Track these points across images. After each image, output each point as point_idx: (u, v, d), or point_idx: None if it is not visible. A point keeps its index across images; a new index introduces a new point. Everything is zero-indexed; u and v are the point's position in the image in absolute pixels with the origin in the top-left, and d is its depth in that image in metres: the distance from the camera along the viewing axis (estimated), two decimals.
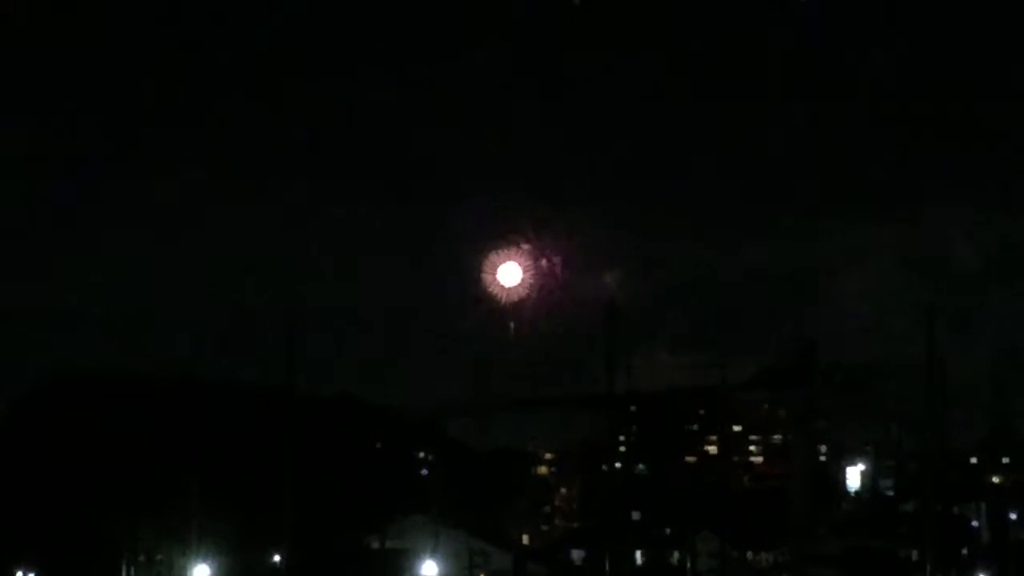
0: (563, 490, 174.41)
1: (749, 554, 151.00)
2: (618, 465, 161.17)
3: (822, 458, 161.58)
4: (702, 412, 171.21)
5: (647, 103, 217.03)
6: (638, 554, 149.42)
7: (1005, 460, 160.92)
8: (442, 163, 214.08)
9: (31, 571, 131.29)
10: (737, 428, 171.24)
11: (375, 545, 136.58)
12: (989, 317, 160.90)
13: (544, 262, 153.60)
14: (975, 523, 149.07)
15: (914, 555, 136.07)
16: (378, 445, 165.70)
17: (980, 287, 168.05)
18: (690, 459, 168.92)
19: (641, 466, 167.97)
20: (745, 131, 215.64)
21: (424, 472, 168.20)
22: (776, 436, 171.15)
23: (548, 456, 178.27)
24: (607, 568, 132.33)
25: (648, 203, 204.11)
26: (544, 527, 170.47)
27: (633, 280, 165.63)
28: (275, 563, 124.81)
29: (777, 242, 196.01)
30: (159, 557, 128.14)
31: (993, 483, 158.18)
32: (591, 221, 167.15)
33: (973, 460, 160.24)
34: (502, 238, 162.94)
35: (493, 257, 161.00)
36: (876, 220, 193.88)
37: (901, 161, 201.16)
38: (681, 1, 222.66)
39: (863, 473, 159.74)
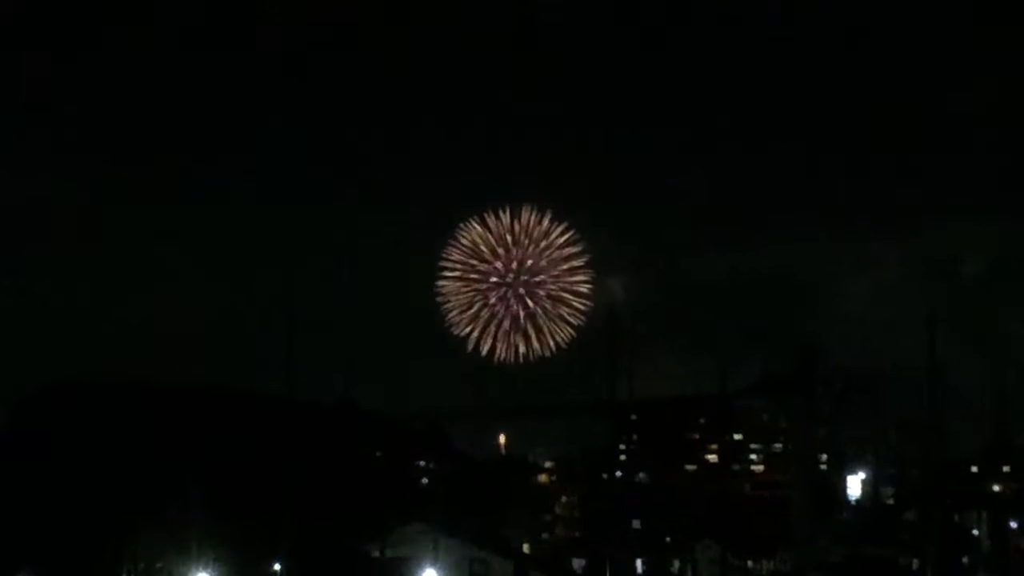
0: (564, 498, 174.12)
1: (749, 562, 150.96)
2: (619, 473, 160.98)
3: (822, 466, 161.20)
4: (702, 420, 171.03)
5: (650, 104, 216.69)
6: (639, 562, 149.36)
7: (1006, 469, 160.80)
8: (442, 165, 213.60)
9: None
10: (737, 436, 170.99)
11: (375, 553, 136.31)
12: (990, 326, 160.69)
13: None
14: (975, 532, 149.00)
15: (915, 563, 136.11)
16: (378, 453, 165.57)
17: (982, 296, 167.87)
18: (690, 467, 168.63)
19: (642, 474, 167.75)
20: (748, 135, 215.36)
21: (424, 480, 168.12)
22: (776, 444, 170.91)
23: (548, 464, 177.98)
24: None
25: (650, 208, 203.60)
26: (545, 535, 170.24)
27: (634, 287, 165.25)
28: (275, 571, 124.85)
29: (779, 249, 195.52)
30: (159, 564, 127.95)
31: (993, 492, 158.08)
32: (591, 226, 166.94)
33: (974, 469, 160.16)
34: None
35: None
36: (879, 228, 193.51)
37: (906, 167, 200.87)
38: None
39: (864, 481, 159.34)
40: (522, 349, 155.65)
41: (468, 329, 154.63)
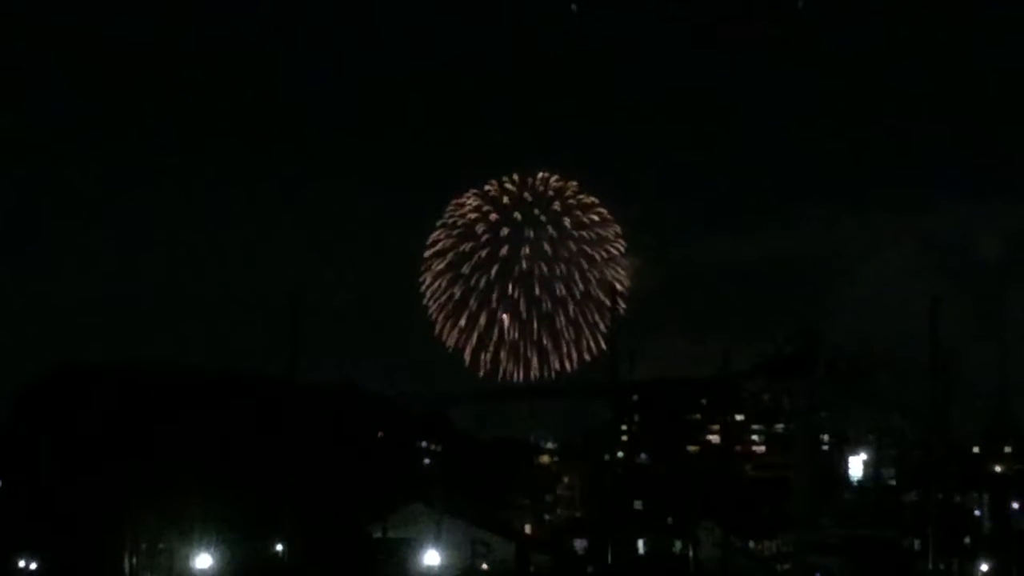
0: (565, 479, 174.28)
1: (751, 543, 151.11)
2: (620, 454, 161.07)
3: (824, 447, 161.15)
4: (704, 401, 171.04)
5: (657, 93, 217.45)
6: (640, 543, 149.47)
7: (1007, 449, 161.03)
8: (446, 154, 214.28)
9: (33, 560, 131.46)
10: (739, 417, 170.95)
11: (377, 534, 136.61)
12: (993, 308, 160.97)
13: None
14: (977, 512, 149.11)
15: (916, 544, 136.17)
16: (380, 434, 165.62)
17: (985, 279, 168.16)
18: (692, 448, 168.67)
19: (643, 455, 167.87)
20: (753, 124, 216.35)
21: (426, 462, 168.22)
22: (778, 425, 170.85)
23: (550, 446, 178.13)
24: (609, 557, 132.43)
25: (656, 192, 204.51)
26: (547, 517, 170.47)
27: (638, 269, 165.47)
28: (277, 552, 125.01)
29: (783, 232, 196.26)
30: (161, 546, 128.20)
31: (995, 472, 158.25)
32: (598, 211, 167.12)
33: (975, 449, 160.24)
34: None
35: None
36: (885, 211, 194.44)
37: (913, 153, 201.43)
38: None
39: (865, 462, 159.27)
40: (535, 364, 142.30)
41: (459, 341, 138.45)
